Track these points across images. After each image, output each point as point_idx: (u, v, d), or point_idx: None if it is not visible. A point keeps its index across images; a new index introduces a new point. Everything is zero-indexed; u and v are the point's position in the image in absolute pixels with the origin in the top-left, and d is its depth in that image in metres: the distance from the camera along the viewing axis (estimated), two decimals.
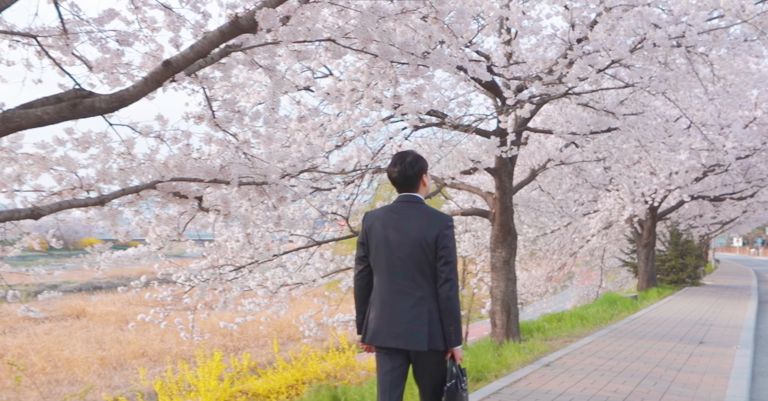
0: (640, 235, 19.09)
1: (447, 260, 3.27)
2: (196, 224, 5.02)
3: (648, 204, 16.89)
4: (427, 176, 3.52)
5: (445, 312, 3.26)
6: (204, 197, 4.76)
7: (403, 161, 3.44)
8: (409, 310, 3.28)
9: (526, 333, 10.53)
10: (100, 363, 30.02)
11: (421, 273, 3.30)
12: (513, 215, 9.39)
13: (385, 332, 3.33)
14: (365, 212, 3.66)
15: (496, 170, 9.10)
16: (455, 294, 3.28)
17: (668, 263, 21.66)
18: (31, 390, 25.58)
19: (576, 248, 20.22)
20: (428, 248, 3.28)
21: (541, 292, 20.79)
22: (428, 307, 3.27)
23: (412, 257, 3.30)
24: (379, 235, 3.40)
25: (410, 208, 3.42)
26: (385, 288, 3.37)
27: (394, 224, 3.38)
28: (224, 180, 4.18)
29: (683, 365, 7.58)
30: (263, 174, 4.30)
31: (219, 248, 6.66)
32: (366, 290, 3.49)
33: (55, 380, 27.83)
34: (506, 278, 9.28)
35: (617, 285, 28.47)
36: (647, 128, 8.53)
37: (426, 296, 3.28)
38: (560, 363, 7.31)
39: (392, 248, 3.35)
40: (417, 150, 10.74)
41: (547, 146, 10.50)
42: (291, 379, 11.72)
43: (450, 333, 3.27)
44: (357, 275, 3.52)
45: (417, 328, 3.25)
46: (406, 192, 3.48)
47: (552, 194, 11.46)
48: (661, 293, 17.64)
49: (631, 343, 9.04)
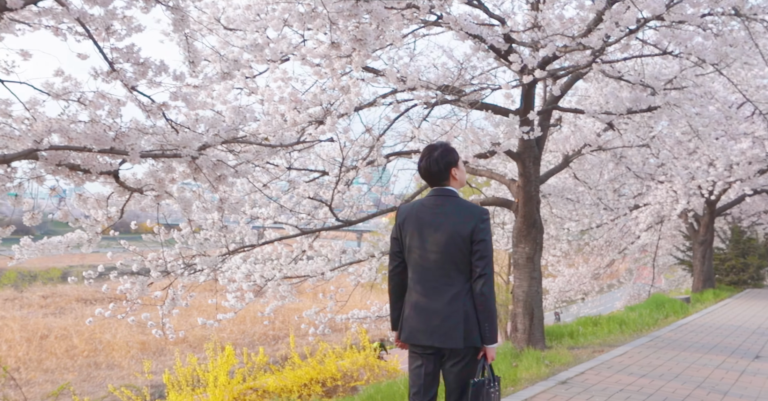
0: (696, 231, 17.55)
1: (482, 255, 3.18)
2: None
3: (705, 198, 15.40)
4: (459, 169, 3.38)
5: (480, 308, 3.18)
6: (140, 178, 3.93)
7: (430, 156, 3.34)
8: (444, 307, 3.20)
9: (555, 338, 9.44)
10: (140, 347, 30.18)
11: (456, 268, 3.22)
12: (539, 206, 8.30)
13: (420, 330, 3.26)
14: (399, 206, 3.65)
15: (519, 154, 8.02)
16: (489, 290, 3.17)
17: (728, 262, 19.98)
18: (70, 373, 25.82)
19: (625, 244, 18.81)
20: (463, 242, 3.20)
21: (586, 290, 19.45)
22: (464, 303, 3.19)
23: (447, 252, 3.22)
24: (413, 230, 3.32)
25: (444, 201, 3.32)
26: (419, 284, 3.30)
27: (428, 219, 3.30)
28: (121, 150, 3.33)
29: (731, 386, 6.40)
30: (177, 145, 3.42)
31: (188, 236, 5.87)
32: (401, 286, 3.40)
33: (94, 363, 28.10)
34: (530, 277, 8.22)
35: (673, 284, 26.79)
36: (695, 107, 7.29)
37: (461, 292, 3.20)
38: (580, 381, 6.23)
39: (426, 243, 3.27)
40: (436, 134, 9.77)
41: (584, 130, 9.33)
42: (305, 377, 10.98)
43: (485, 330, 3.18)
44: (392, 271, 3.43)
45: (453, 325, 3.18)
46: (436, 186, 3.38)
47: (589, 184, 10.26)
48: (717, 295, 16.11)
49: (673, 356, 7.85)
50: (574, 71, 6.98)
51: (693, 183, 14.35)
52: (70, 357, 27.60)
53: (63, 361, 26.97)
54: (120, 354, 27.74)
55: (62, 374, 25.52)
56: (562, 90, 8.21)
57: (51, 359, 26.93)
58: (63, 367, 26.28)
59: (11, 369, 25.51)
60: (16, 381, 22.24)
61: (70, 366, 26.42)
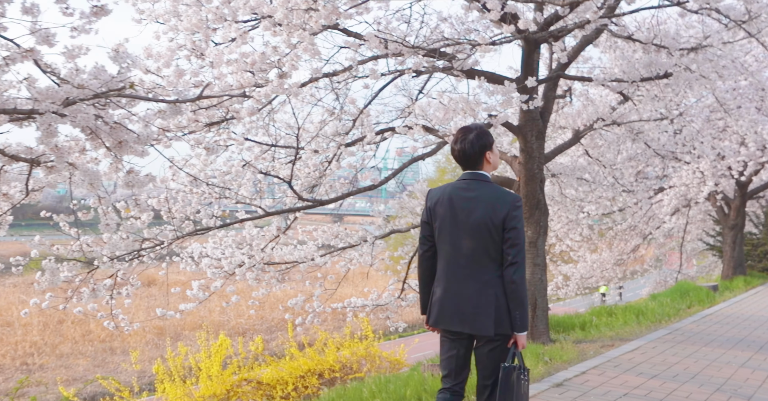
0: (726, 215, 16.52)
1: (514, 242, 3.13)
2: None
3: (735, 179, 14.38)
4: (493, 153, 3.32)
5: (511, 295, 3.14)
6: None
7: (465, 138, 3.27)
8: (475, 294, 3.18)
9: (564, 330, 8.68)
10: (157, 332, 30.03)
11: (488, 255, 3.17)
12: (542, 185, 7.50)
13: (450, 315, 3.24)
14: (429, 189, 3.50)
15: (520, 127, 7.22)
16: (521, 278, 3.14)
17: (761, 248, 18.92)
18: (84, 358, 25.71)
19: (651, 229, 17.84)
20: (495, 229, 3.15)
21: (609, 277, 18.52)
22: (495, 291, 3.16)
23: (479, 238, 3.17)
24: (444, 214, 3.27)
25: (476, 186, 3.26)
26: (450, 270, 3.26)
27: (459, 204, 3.24)
28: None
29: (757, 389, 5.59)
30: (32, 99, 2.74)
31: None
32: (431, 271, 3.37)
33: (109, 348, 28.00)
34: (532, 264, 7.46)
35: (704, 271, 25.69)
36: (720, 75, 6.40)
37: (492, 279, 3.17)
38: (579, 382, 5.47)
39: (457, 228, 3.23)
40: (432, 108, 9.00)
41: (597, 103, 8.47)
42: (302, 369, 10.41)
43: (516, 318, 3.15)
44: (422, 255, 3.40)
45: (484, 313, 3.15)
46: (469, 170, 3.31)
47: (603, 163, 9.37)
48: (748, 283, 15.11)
49: (692, 352, 7.04)
50: (576, 28, 6.14)
51: (723, 164, 13.36)
52: (87, 342, 27.54)
53: (79, 346, 26.89)
54: (135, 340, 27.60)
55: (76, 359, 25.43)
56: (570, 57, 7.36)
57: (66, 344, 26.88)
58: (78, 352, 26.18)
59: (25, 354, 25.55)
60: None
61: (86, 351, 26.32)
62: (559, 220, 15.13)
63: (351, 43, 6.40)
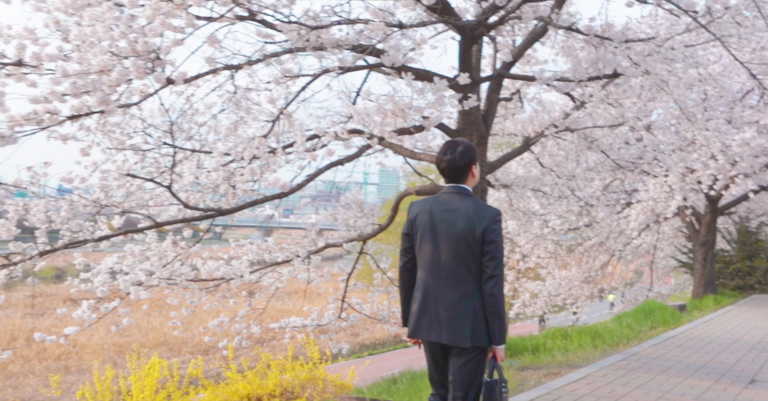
0: (697, 231, 15.99)
1: (493, 256, 3.16)
2: None
3: (705, 194, 13.83)
4: (477, 167, 3.35)
5: (489, 308, 3.16)
6: None
7: (454, 151, 3.28)
8: (453, 305, 3.19)
9: (514, 354, 8.00)
10: (116, 350, 28.91)
11: (467, 268, 3.19)
12: (485, 195, 6.82)
13: (427, 326, 3.27)
14: (411, 202, 3.52)
15: (459, 131, 6.55)
16: (500, 291, 3.16)
17: (733, 265, 18.38)
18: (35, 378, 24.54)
19: (620, 245, 17.25)
20: (474, 242, 3.17)
21: (576, 295, 17.89)
22: (473, 303, 3.18)
23: (458, 250, 3.20)
24: (425, 226, 3.30)
25: (458, 199, 3.29)
26: (429, 281, 3.28)
27: (440, 216, 3.27)
28: None
29: None
30: None
31: None
32: (412, 282, 3.40)
33: (64, 367, 26.84)
34: None
35: (679, 288, 25.21)
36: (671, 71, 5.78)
37: (471, 291, 3.19)
38: None
39: (437, 240, 3.25)
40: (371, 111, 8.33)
41: (550, 109, 7.84)
42: (240, 394, 9.59)
43: (494, 331, 3.17)
44: (402, 267, 3.43)
45: (461, 324, 3.17)
46: (453, 183, 3.32)
47: (557, 173, 8.72)
48: (718, 302, 14.52)
49: (645, 381, 6.36)
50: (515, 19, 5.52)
51: (692, 177, 12.79)
52: (41, 360, 26.37)
53: (31, 365, 25.73)
54: (93, 358, 26.42)
55: (26, 378, 24.26)
56: (515, 55, 6.74)
57: (17, 362, 25.65)
58: (29, 371, 25.01)
59: None
60: None
61: (38, 370, 25.15)
62: (524, 236, 14.53)
63: (267, 35, 5.72)
